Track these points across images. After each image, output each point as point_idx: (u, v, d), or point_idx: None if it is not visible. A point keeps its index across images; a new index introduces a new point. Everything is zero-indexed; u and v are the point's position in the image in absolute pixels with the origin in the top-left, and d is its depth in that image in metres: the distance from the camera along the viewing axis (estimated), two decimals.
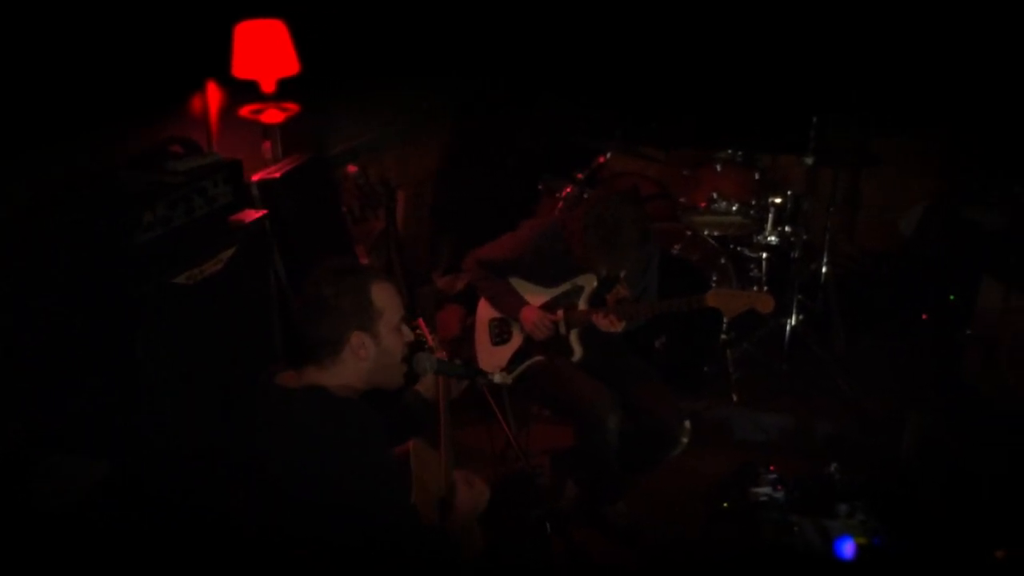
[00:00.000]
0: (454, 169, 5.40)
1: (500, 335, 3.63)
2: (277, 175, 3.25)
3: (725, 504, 3.64)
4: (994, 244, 3.75)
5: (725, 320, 4.17)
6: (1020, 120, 4.55)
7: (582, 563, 2.27)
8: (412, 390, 2.58)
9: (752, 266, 4.51)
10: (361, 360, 2.11)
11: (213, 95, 3.40)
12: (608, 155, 4.62)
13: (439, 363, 2.42)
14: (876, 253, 5.24)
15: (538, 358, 3.52)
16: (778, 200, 4.40)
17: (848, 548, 3.22)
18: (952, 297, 4.12)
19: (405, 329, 2.23)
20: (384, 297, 2.14)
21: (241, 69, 3.28)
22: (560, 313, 3.48)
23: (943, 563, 3.24)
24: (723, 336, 4.23)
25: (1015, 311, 3.29)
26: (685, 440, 3.40)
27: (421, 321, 2.59)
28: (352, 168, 3.78)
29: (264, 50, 3.27)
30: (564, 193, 4.58)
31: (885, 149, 4.89)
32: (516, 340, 3.60)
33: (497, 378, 2.57)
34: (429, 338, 2.58)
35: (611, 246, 3.18)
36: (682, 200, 4.55)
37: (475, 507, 2.24)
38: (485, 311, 3.67)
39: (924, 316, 4.54)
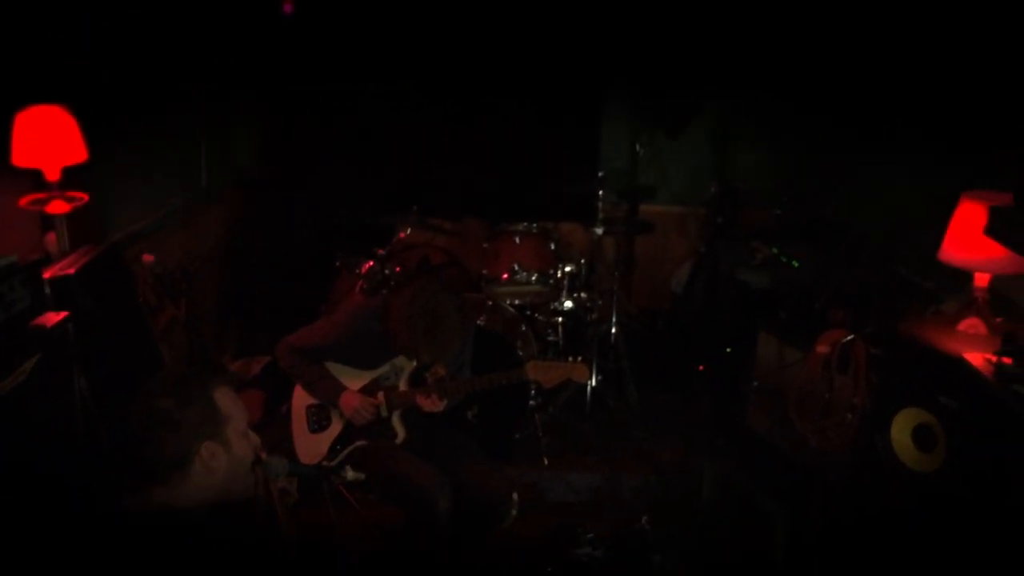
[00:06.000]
0: (240, 248, 5.21)
1: (318, 422, 3.52)
2: (71, 271, 2.96)
3: (549, 569, 3.74)
4: (764, 301, 4.20)
5: (533, 386, 4.31)
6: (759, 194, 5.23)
7: None
8: None
9: (549, 331, 4.72)
10: (213, 472, 1.99)
11: None
12: (408, 230, 4.66)
13: (291, 465, 2.33)
14: (652, 310, 5.67)
15: (360, 443, 3.50)
16: (570, 268, 4.66)
17: None
18: (728, 350, 4.55)
19: (252, 434, 2.13)
20: (229, 402, 2.04)
21: (22, 158, 2.99)
22: (381, 395, 3.45)
23: None
24: (531, 402, 4.36)
25: (793, 364, 3.69)
26: (515, 512, 3.47)
27: None
28: (148, 257, 3.54)
29: (48, 137, 3.02)
30: (364, 269, 4.55)
31: (650, 215, 5.39)
32: (336, 426, 3.51)
33: (350, 475, 2.52)
34: None
35: (436, 335, 3.22)
36: (484, 272, 4.68)
37: None
38: (301, 398, 3.55)
39: (701, 368, 4.96)
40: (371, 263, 4.54)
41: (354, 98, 5.52)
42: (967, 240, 2.82)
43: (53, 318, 2.64)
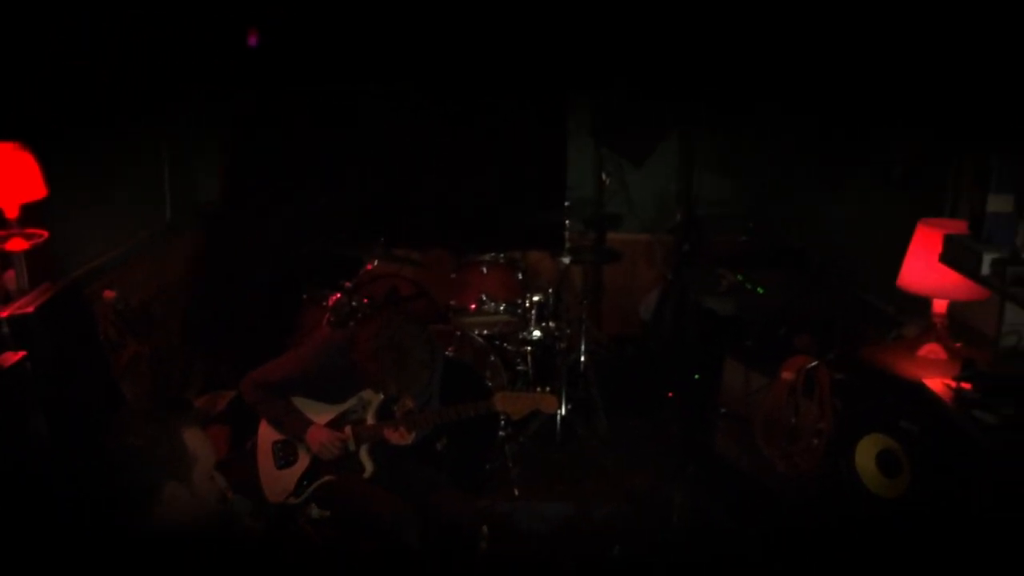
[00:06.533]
0: (206, 281, 5.16)
1: (285, 457, 3.48)
2: (30, 309, 2.92)
3: None
4: (730, 328, 4.23)
5: (502, 417, 4.30)
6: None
7: None
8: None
9: (518, 360, 4.72)
10: (172, 513, 1.97)
11: None
12: (375, 262, 4.65)
13: (255, 505, 2.31)
14: (621, 338, 5.69)
15: (328, 478, 3.47)
16: (538, 297, 4.67)
17: None
18: (696, 376, 4.57)
19: (218, 476, 2.12)
20: (198, 443, 2.03)
21: None
22: (348, 430, 3.42)
23: None
24: (501, 432, 4.34)
25: (759, 390, 3.72)
26: (484, 545, 3.45)
27: None
28: (109, 293, 3.49)
29: (6, 175, 2.99)
30: (331, 302, 4.53)
31: (617, 243, 5.43)
32: (303, 461, 3.47)
33: (315, 513, 2.50)
34: None
35: (403, 368, 3.21)
36: (452, 303, 4.68)
37: None
38: (267, 433, 3.51)
39: (670, 394, 4.97)
40: (338, 295, 4.53)
41: (322, 124, 5.51)
42: (924, 267, 2.87)
43: (11, 358, 2.60)
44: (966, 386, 2.54)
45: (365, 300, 4.56)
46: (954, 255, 2.57)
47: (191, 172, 5.43)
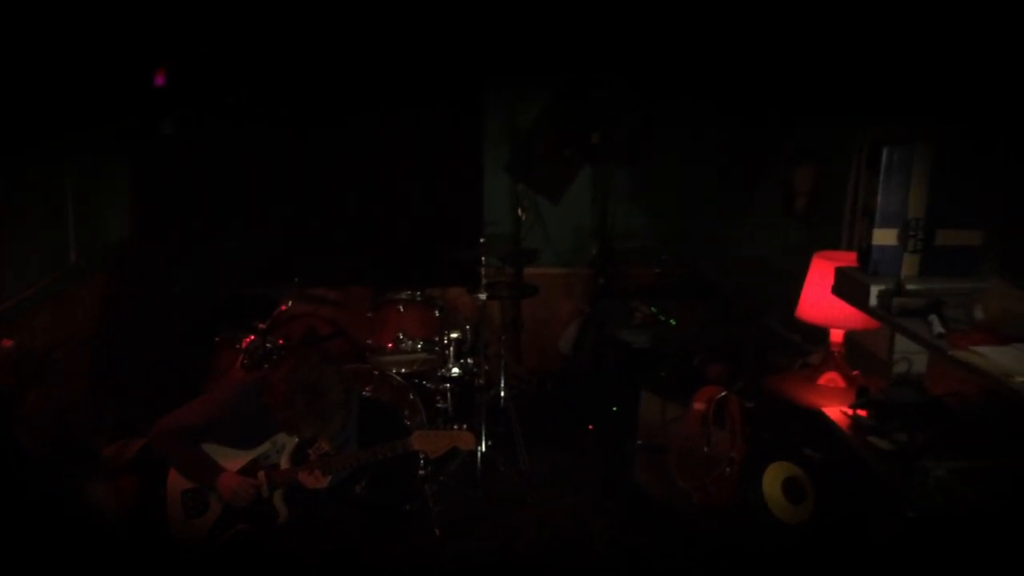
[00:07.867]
0: (115, 326, 5.01)
1: (195, 507, 3.39)
2: None
3: None
4: (645, 360, 4.31)
5: (421, 456, 4.26)
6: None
7: None
8: None
9: (438, 398, 4.70)
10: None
11: None
12: (290, 302, 4.59)
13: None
14: (542, 372, 5.73)
15: (241, 526, 3.38)
16: (456, 334, 4.67)
17: None
18: (615, 409, 4.62)
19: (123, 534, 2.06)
20: (103, 499, 1.98)
21: None
22: (262, 475, 3.36)
23: None
24: (420, 472, 4.31)
25: (674, 421, 3.78)
26: None
27: None
28: (7, 342, 3.37)
29: None
30: (245, 344, 4.44)
31: (535, 277, 5.49)
32: (215, 510, 3.38)
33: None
34: None
35: (318, 409, 3.17)
36: (369, 342, 4.65)
37: None
38: (177, 482, 3.41)
39: (591, 427, 5.01)
40: (252, 337, 4.44)
41: (236, 161, 5.44)
42: (820, 298, 2.97)
43: None
44: (862, 413, 2.63)
45: (280, 341, 4.49)
46: (844, 287, 2.67)
47: (99, 211, 5.29)
